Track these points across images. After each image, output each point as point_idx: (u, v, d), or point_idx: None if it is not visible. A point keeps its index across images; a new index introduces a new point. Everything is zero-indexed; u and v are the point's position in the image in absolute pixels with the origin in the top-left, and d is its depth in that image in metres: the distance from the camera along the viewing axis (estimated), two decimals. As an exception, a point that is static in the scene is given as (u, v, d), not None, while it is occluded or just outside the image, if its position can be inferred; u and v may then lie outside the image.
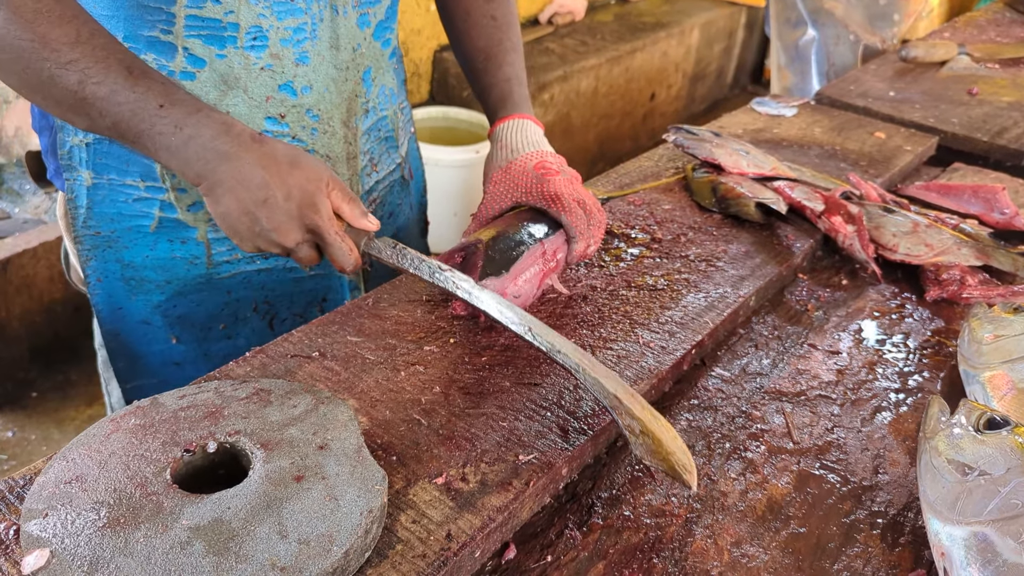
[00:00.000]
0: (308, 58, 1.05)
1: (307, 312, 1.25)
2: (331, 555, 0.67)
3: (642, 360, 0.98)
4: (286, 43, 1.03)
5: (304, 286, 1.23)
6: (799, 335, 1.13)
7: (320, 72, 1.07)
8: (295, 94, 1.06)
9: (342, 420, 0.80)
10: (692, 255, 1.22)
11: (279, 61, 1.03)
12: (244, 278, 1.17)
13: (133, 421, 0.79)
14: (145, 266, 1.12)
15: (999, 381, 0.95)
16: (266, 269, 1.18)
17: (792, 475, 0.90)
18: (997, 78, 2.04)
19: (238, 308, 1.20)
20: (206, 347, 1.21)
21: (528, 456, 0.83)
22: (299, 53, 1.04)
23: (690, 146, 1.46)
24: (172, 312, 1.16)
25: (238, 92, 1.03)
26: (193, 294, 1.16)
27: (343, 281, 1.25)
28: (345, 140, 1.14)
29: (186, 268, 1.13)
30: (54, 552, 0.65)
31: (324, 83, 1.08)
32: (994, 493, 0.72)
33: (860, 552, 0.81)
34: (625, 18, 4.32)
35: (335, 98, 1.10)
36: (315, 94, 1.08)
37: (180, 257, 1.13)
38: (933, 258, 1.24)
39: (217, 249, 1.14)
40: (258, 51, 1.02)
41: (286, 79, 1.05)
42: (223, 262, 1.15)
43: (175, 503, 0.70)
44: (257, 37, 1.01)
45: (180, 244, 1.12)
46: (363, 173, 1.21)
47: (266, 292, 1.20)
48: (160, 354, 1.20)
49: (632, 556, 0.79)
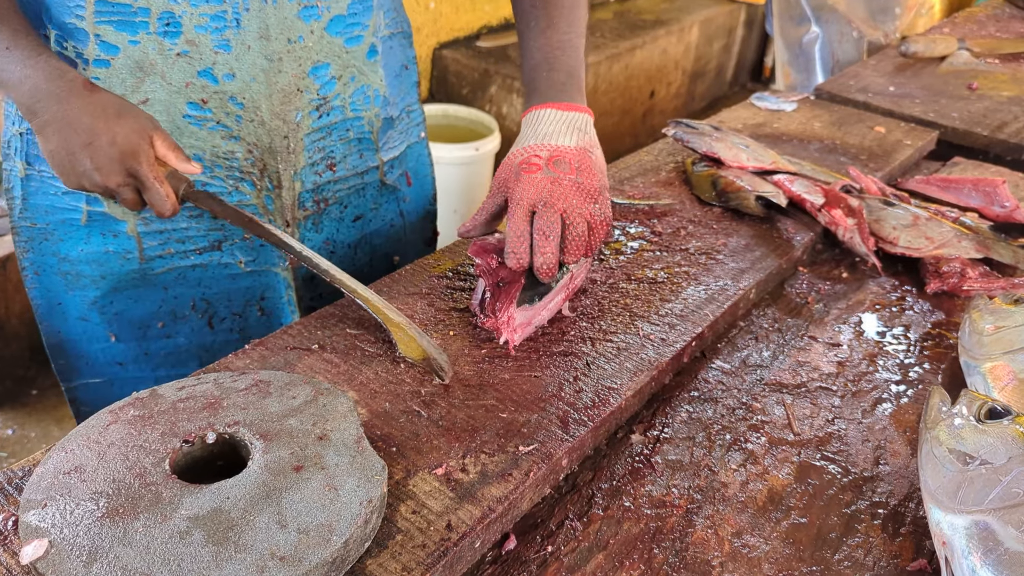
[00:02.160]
0: (230, 46, 1.03)
1: (246, 312, 1.24)
2: (331, 545, 0.66)
3: (642, 352, 0.98)
4: (202, 30, 1.02)
5: (240, 283, 1.21)
6: (799, 327, 1.13)
7: (245, 61, 1.05)
8: (216, 81, 1.05)
9: (342, 411, 0.80)
10: (692, 248, 1.22)
11: (196, 47, 1.02)
12: (179, 274, 1.17)
13: (132, 412, 0.79)
14: (80, 260, 1.12)
15: (1000, 372, 0.95)
16: (201, 265, 1.17)
17: (793, 466, 0.89)
18: (997, 73, 2.04)
19: (176, 306, 1.19)
20: (146, 346, 1.20)
21: (528, 447, 0.83)
22: (219, 40, 1.03)
23: (690, 140, 1.46)
24: (109, 309, 1.16)
25: (155, 78, 1.02)
26: (129, 290, 1.15)
27: (279, 279, 1.23)
28: (279, 133, 1.11)
29: (120, 263, 1.13)
30: (53, 542, 0.65)
31: (250, 72, 1.06)
32: (995, 482, 0.72)
33: (861, 542, 0.81)
34: (624, 15, 4.32)
35: (264, 88, 1.08)
36: (239, 82, 1.06)
37: (113, 251, 1.12)
38: (933, 251, 1.24)
39: (148, 243, 1.13)
40: (172, 37, 1.01)
41: (205, 65, 1.04)
42: (156, 257, 1.14)
43: (174, 493, 0.70)
44: (170, 23, 1.00)
45: (112, 238, 1.11)
46: (307, 170, 1.17)
47: (203, 289, 1.19)
48: (101, 352, 1.19)
49: (632, 547, 0.79)
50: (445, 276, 1.11)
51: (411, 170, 1.36)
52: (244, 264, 1.20)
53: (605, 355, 0.97)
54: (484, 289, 1.00)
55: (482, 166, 3.05)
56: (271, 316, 1.25)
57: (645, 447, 0.91)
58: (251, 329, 1.25)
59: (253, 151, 1.11)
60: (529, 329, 1.00)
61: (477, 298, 1.02)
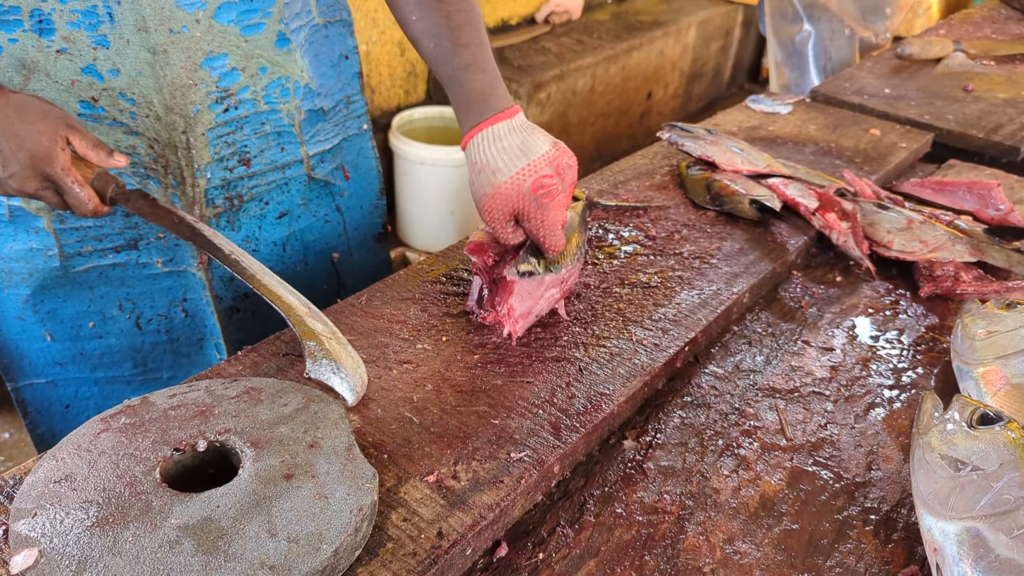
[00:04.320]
0: (108, 41, 1.01)
1: (171, 312, 1.23)
2: (320, 553, 0.66)
3: (635, 357, 0.98)
4: (75, 26, 0.99)
5: (161, 283, 1.20)
6: (793, 332, 1.13)
7: (126, 55, 1.02)
8: (101, 77, 1.02)
9: (333, 418, 0.80)
10: (686, 252, 1.22)
11: (72, 44, 1.00)
12: (100, 273, 1.16)
13: (123, 420, 0.79)
14: (11, 257, 1.12)
15: (993, 377, 0.95)
16: (120, 264, 1.17)
17: (785, 472, 0.89)
18: (992, 75, 2.04)
19: (103, 306, 1.19)
20: (80, 346, 1.21)
21: (520, 454, 0.83)
22: (95, 36, 1.00)
23: (684, 144, 1.46)
24: (41, 307, 1.16)
25: (40, 76, 1.01)
26: (56, 288, 1.16)
27: (196, 279, 1.21)
28: (176, 128, 1.08)
29: (43, 260, 1.13)
30: (42, 552, 0.65)
31: (134, 66, 1.03)
32: (987, 488, 0.72)
33: (853, 548, 0.80)
34: (622, 17, 4.32)
35: (152, 82, 1.04)
36: (125, 77, 1.03)
37: (36, 248, 1.12)
38: (927, 254, 1.24)
39: (66, 240, 1.12)
40: (47, 35, 0.99)
41: (86, 62, 1.01)
42: (75, 254, 1.14)
43: (164, 502, 0.69)
44: (43, 20, 0.98)
45: (33, 234, 1.11)
46: (214, 166, 1.14)
47: (126, 289, 1.19)
48: (39, 352, 1.20)
49: (624, 554, 0.79)
50: (439, 281, 1.11)
51: (349, 163, 1.33)
52: (162, 264, 1.18)
53: (598, 360, 0.97)
54: (481, 287, 1.02)
55: (479, 168, 3.05)
56: (195, 318, 1.24)
57: (637, 453, 0.91)
58: (177, 331, 1.25)
59: (153, 146, 1.09)
60: (530, 319, 1.02)
61: (474, 297, 1.03)
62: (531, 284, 1.00)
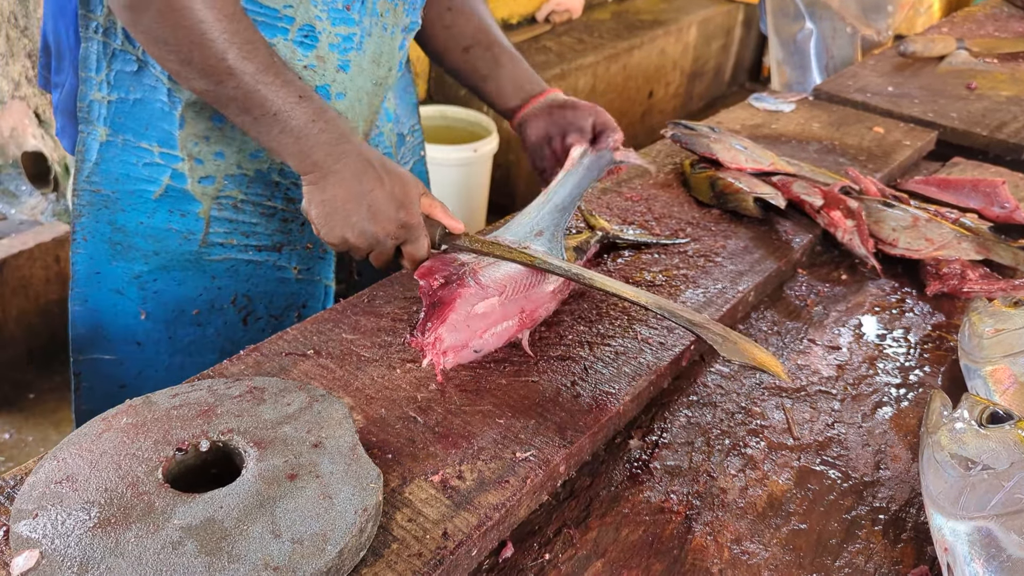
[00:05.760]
0: (349, 66, 1.08)
1: (284, 315, 1.24)
2: (325, 554, 0.66)
3: (640, 356, 0.97)
4: (333, 48, 1.06)
5: (288, 288, 1.22)
6: (799, 330, 1.12)
7: (356, 83, 1.11)
8: (329, 98, 1.09)
9: (337, 418, 0.79)
10: (690, 251, 1.21)
11: (323, 63, 1.06)
12: (231, 266, 1.17)
13: (125, 420, 0.78)
14: (137, 233, 1.12)
15: (1001, 375, 0.94)
16: (256, 262, 1.18)
17: (792, 471, 0.89)
18: (996, 73, 2.03)
19: (217, 296, 1.19)
20: (173, 330, 1.20)
21: (525, 453, 0.82)
22: (343, 60, 1.07)
23: (688, 141, 1.45)
24: (150, 285, 1.16)
25: None
26: (177, 271, 1.16)
27: (327, 290, 1.25)
28: None
29: (178, 242, 1.13)
30: (44, 553, 0.64)
31: (358, 95, 1.12)
32: (998, 488, 0.71)
33: (862, 548, 0.80)
34: (623, 16, 4.31)
35: (364, 110, 1.14)
36: (347, 102, 1.11)
37: (176, 229, 1.13)
38: (933, 252, 1.23)
39: (215, 229, 1.14)
40: (306, 49, 1.04)
41: (324, 82, 1.07)
42: (217, 244, 1.15)
43: (167, 503, 0.69)
44: (308, 36, 1.04)
45: (179, 216, 1.12)
46: None
47: (249, 285, 1.20)
48: (123, 328, 1.19)
49: (631, 554, 0.78)
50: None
51: None
52: (299, 272, 1.22)
53: (603, 359, 0.96)
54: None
55: (480, 167, 3.04)
56: None
57: (643, 453, 0.90)
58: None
59: None
60: (466, 354, 0.93)
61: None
62: (472, 315, 0.92)
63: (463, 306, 0.91)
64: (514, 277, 0.96)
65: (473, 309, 0.92)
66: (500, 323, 0.95)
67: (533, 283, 0.99)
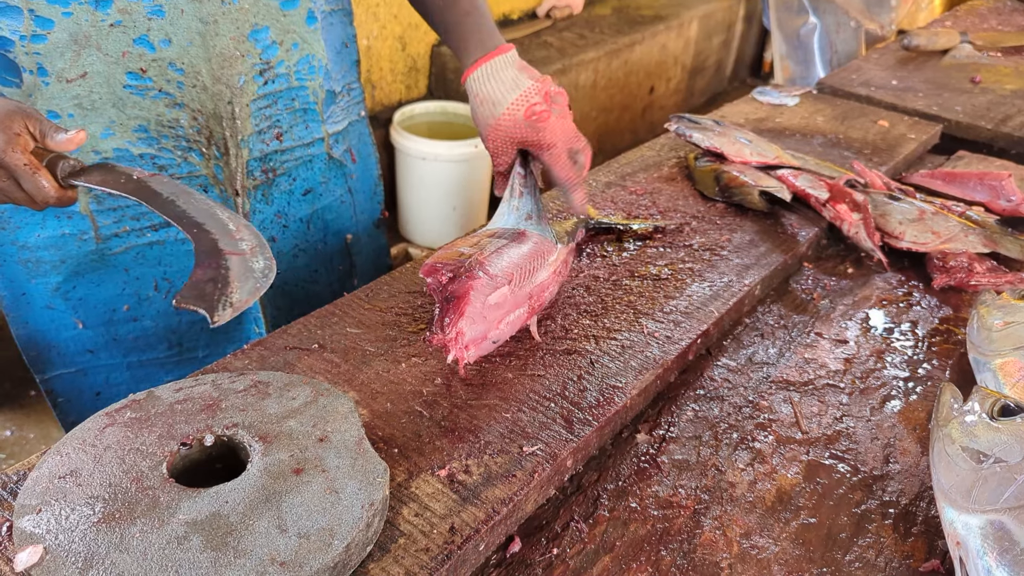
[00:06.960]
0: (163, 11, 1.02)
1: None
2: (332, 549, 0.65)
3: (647, 350, 0.97)
4: None
5: None
6: (805, 324, 1.11)
7: (179, 25, 1.03)
8: (153, 48, 1.03)
9: (342, 412, 0.79)
10: (696, 244, 1.20)
11: (128, 16, 1.00)
12: (137, 253, 1.15)
13: (129, 414, 0.77)
14: (39, 246, 1.11)
15: (1011, 368, 0.93)
16: (158, 242, 1.16)
17: (801, 465, 0.88)
18: (1000, 66, 2.02)
19: (139, 287, 1.17)
20: (113, 331, 1.19)
21: (532, 447, 0.81)
22: (152, 7, 1.01)
23: (692, 135, 1.44)
24: (72, 294, 1.15)
25: (91, 50, 1.00)
26: (90, 273, 1.14)
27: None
28: (223, 98, 1.10)
29: (77, 245, 1.12)
30: (48, 548, 0.64)
31: (187, 36, 1.04)
32: (1010, 480, 0.70)
33: (872, 542, 0.79)
34: (623, 11, 4.30)
35: (202, 52, 1.06)
36: (176, 47, 1.04)
37: (69, 233, 1.11)
38: (940, 245, 1.22)
39: (103, 221, 1.11)
40: (104, 7, 0.99)
41: (139, 33, 1.01)
42: (112, 236, 1.12)
43: (172, 497, 0.68)
44: None
45: (66, 220, 1.10)
46: (254, 138, 1.16)
47: (163, 268, 1.18)
48: (70, 341, 1.18)
49: (639, 548, 0.78)
50: (446, 274, 1.10)
51: (354, 148, 1.36)
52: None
53: (609, 353, 0.96)
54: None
55: (481, 163, 3.03)
56: None
57: (651, 447, 0.90)
58: None
59: (198, 118, 1.09)
60: (486, 346, 0.91)
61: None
62: (487, 306, 0.90)
63: (478, 298, 0.89)
64: (519, 263, 0.95)
65: (487, 300, 0.90)
66: (513, 311, 0.94)
67: (536, 267, 0.98)
